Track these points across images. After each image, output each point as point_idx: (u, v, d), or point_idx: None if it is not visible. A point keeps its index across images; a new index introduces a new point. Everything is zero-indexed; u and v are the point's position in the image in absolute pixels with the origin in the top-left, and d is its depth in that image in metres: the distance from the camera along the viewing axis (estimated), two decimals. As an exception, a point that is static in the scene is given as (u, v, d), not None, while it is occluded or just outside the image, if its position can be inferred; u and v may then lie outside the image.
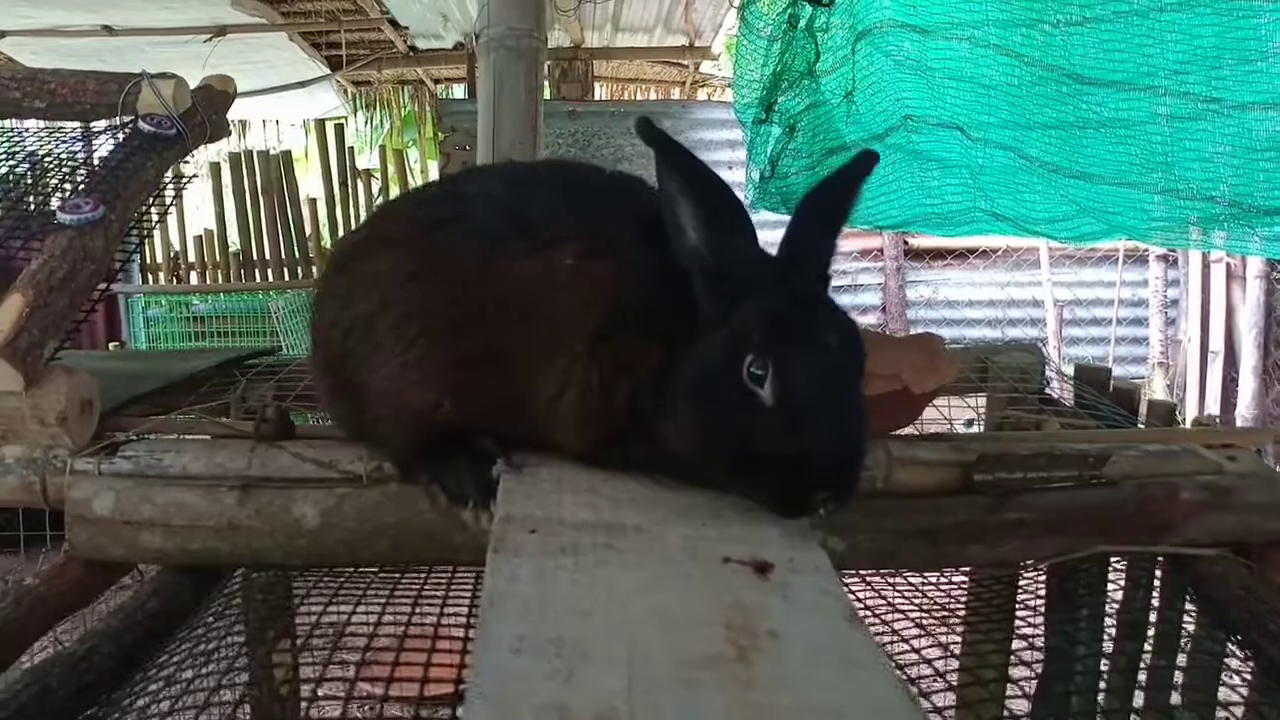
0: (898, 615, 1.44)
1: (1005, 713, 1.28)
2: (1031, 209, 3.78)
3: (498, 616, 0.76)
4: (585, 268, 1.08)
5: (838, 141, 4.19)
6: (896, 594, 1.54)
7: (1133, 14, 3.35)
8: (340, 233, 7.13)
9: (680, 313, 1.04)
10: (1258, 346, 6.39)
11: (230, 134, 1.90)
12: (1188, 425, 1.97)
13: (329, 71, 7.20)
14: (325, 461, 1.23)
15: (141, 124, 1.63)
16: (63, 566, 1.17)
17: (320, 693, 1.13)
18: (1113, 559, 1.44)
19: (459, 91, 7.95)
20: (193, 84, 1.77)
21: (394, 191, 7.20)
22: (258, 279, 7.01)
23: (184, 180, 1.68)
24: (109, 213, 1.40)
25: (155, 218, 1.57)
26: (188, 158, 1.72)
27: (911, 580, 1.62)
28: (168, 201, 1.61)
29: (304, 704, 1.18)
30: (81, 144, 1.75)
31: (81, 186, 1.48)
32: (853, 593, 1.53)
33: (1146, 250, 6.92)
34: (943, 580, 1.68)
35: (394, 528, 1.16)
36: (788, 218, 1.09)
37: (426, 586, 1.39)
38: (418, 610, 1.28)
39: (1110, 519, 1.24)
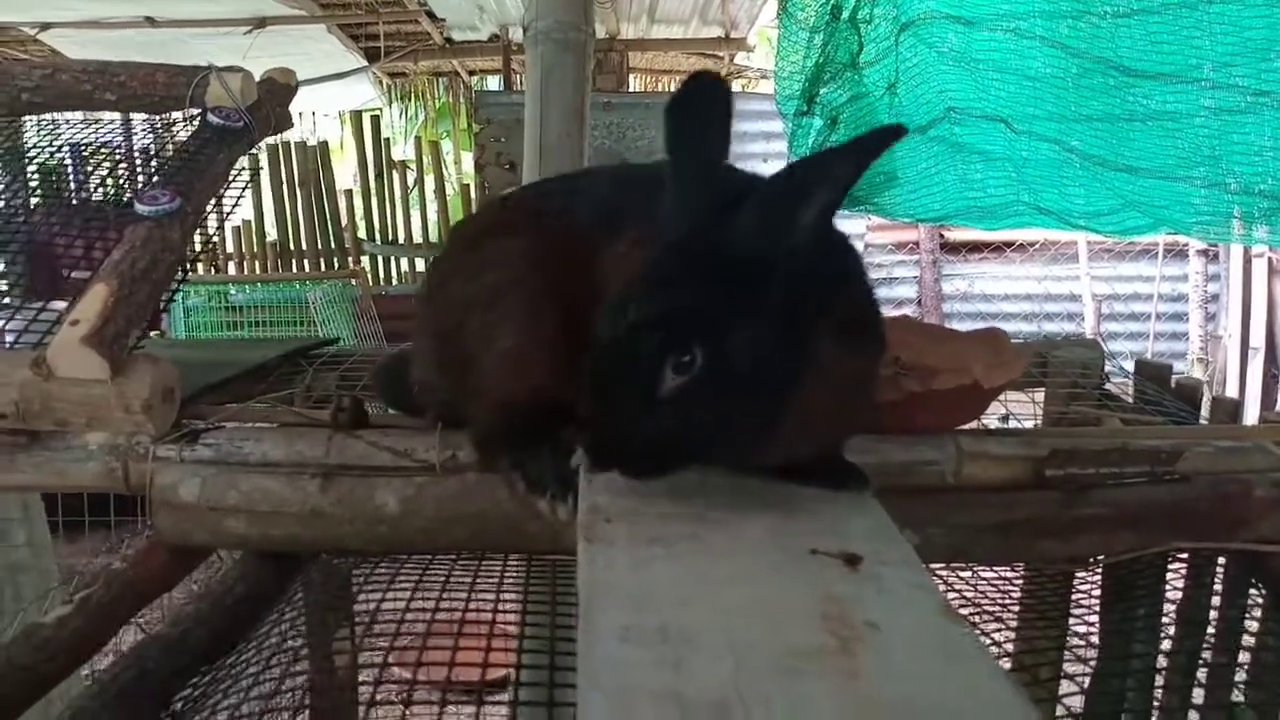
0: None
1: (1061, 708, 1.29)
2: (1074, 202, 3.75)
3: (600, 606, 0.77)
4: (633, 254, 1.08)
5: (880, 134, 4.16)
6: (965, 584, 1.54)
7: (1181, 5, 3.31)
8: (376, 223, 7.17)
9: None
10: (1299, 343, 6.31)
11: (292, 126, 1.92)
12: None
13: (366, 63, 7.24)
14: (400, 450, 1.24)
15: (210, 117, 1.66)
16: (148, 551, 1.20)
17: (412, 694, 1.14)
18: (1171, 555, 1.44)
19: (493, 83, 7.98)
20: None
21: (429, 182, 7.24)
22: (294, 269, 7.08)
23: (253, 172, 1.70)
24: (185, 204, 1.43)
25: (229, 207, 1.60)
26: (253, 149, 1.75)
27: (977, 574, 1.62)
28: (239, 192, 1.64)
29: (397, 700, 1.19)
30: (123, 136, 1.78)
31: (156, 178, 1.51)
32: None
33: (1186, 244, 6.85)
34: (990, 576, 1.68)
35: (472, 516, 1.18)
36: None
37: (506, 574, 1.41)
38: (502, 598, 1.30)
39: (1184, 515, 1.24)
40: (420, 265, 7.18)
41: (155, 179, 1.50)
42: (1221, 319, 6.84)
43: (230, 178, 1.64)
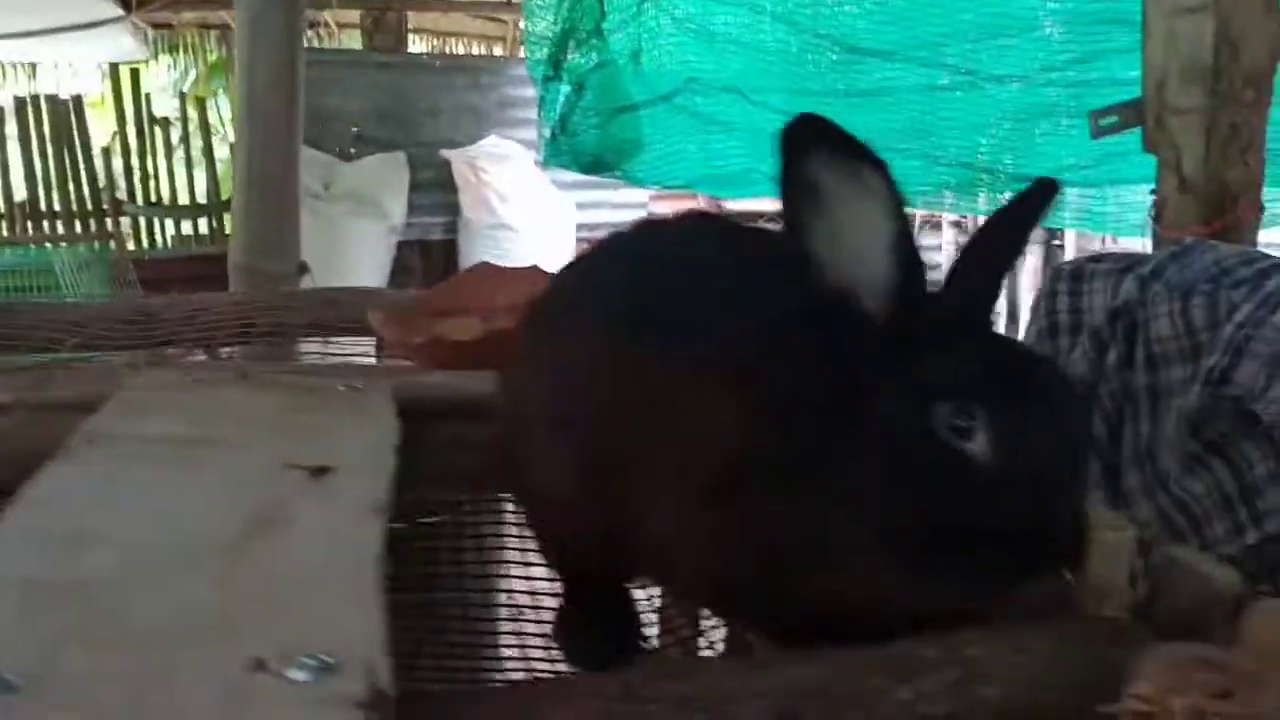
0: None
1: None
2: (804, 173, 3.98)
3: (24, 510, 0.79)
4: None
5: (626, 100, 4.29)
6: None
7: (898, -14, 3.58)
8: (138, 183, 6.80)
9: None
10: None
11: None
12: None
13: (123, 13, 6.82)
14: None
15: None
16: None
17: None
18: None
19: (269, 39, 7.67)
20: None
21: (195, 142, 6.91)
22: (46, 231, 6.62)
23: None
24: None
25: None
26: None
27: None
28: None
29: None
30: None
31: None
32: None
33: (940, 217, 7.36)
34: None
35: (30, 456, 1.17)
36: (581, 175, 1.00)
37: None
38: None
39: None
40: (187, 227, 6.85)
41: None
42: (970, 286, 7.39)
43: None
